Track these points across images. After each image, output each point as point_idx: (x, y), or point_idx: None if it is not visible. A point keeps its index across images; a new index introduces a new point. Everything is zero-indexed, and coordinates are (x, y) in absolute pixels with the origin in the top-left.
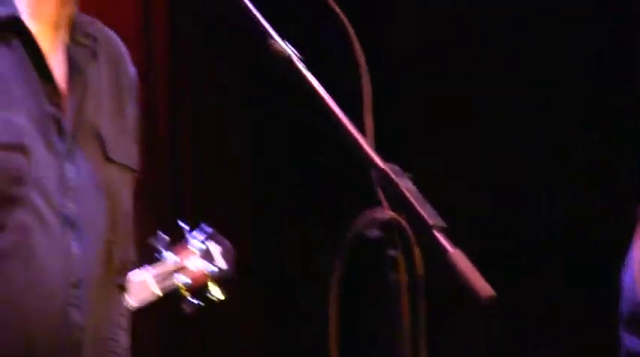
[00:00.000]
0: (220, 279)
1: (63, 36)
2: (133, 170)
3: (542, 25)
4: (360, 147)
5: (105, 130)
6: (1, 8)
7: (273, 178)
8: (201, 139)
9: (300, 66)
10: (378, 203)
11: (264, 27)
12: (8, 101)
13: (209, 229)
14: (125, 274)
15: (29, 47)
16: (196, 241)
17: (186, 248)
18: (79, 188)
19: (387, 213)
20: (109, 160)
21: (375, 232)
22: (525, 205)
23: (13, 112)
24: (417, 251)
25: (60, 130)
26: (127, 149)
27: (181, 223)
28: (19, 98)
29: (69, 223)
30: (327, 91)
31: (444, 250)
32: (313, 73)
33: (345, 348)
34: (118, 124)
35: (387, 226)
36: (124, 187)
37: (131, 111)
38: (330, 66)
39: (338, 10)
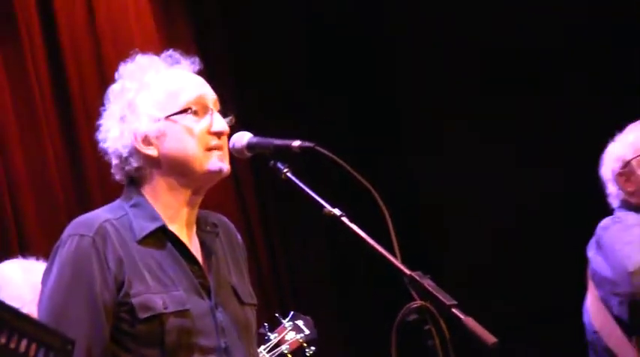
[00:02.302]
0: (309, 341)
1: (193, 229)
2: (255, 305)
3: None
4: (396, 265)
5: (235, 284)
6: (155, 222)
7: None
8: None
9: (345, 220)
10: (412, 298)
11: (318, 200)
12: (172, 284)
13: (292, 314)
14: None
15: (176, 244)
16: (287, 321)
17: (283, 327)
18: (227, 327)
19: (418, 302)
20: (242, 303)
21: (413, 316)
22: None
23: (176, 289)
24: (442, 323)
25: (208, 292)
26: (249, 293)
27: (276, 314)
28: (177, 279)
29: (225, 351)
30: (365, 231)
31: (459, 318)
32: (352, 220)
33: None
34: (240, 277)
35: (419, 311)
36: (253, 318)
37: (244, 267)
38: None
39: (362, 179)
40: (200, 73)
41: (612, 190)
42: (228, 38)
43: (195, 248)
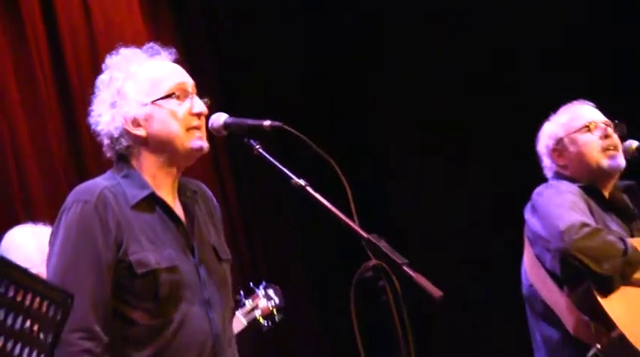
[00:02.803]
0: (278, 309)
1: (176, 194)
2: (230, 260)
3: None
4: (354, 228)
5: (214, 243)
6: (145, 190)
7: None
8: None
9: (310, 190)
10: (368, 257)
11: (286, 172)
12: (162, 244)
13: (264, 283)
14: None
15: (164, 208)
16: (260, 290)
17: (257, 295)
18: (208, 281)
19: (373, 261)
20: (220, 260)
21: (369, 273)
22: None
23: (168, 249)
24: (395, 280)
25: (192, 251)
26: (225, 250)
27: (251, 284)
28: (166, 240)
29: (206, 302)
30: (328, 199)
31: (410, 276)
32: (316, 190)
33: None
34: (217, 237)
35: (375, 269)
36: (229, 272)
37: (220, 227)
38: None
39: (323, 153)
40: (181, 59)
41: (547, 163)
42: (207, 28)
43: (179, 212)
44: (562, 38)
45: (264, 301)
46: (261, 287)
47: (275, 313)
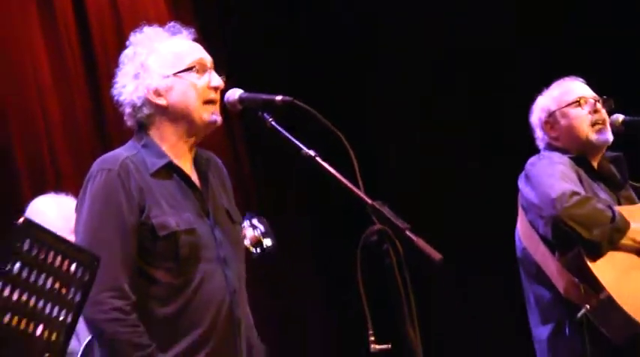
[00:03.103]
0: (265, 235)
1: (192, 163)
2: (241, 222)
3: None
4: (359, 195)
5: (227, 207)
6: (163, 159)
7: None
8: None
9: (319, 159)
10: (373, 222)
11: (296, 143)
12: (182, 208)
13: (248, 214)
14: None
15: (181, 175)
16: (247, 221)
17: (242, 227)
18: (223, 241)
19: (377, 226)
20: (233, 222)
21: (374, 237)
22: None
23: (186, 213)
24: (397, 243)
25: (207, 214)
26: (237, 213)
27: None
28: (184, 204)
29: (222, 261)
30: (336, 168)
31: (411, 240)
32: (325, 160)
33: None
34: (229, 201)
35: (379, 233)
36: (241, 233)
37: (231, 193)
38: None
39: (332, 127)
40: (198, 39)
41: (539, 134)
42: (223, 14)
43: (194, 179)
44: (562, 38)
45: (250, 230)
46: (245, 219)
47: (262, 239)
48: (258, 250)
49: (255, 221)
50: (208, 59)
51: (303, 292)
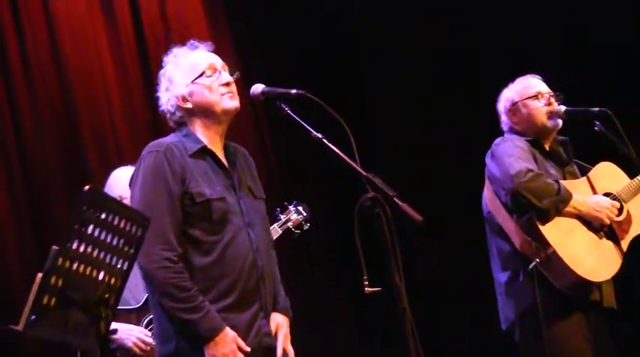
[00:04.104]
0: (306, 220)
1: (222, 149)
2: (264, 199)
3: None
4: (356, 169)
5: (250, 185)
6: (199, 144)
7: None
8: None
9: (325, 141)
10: (367, 190)
11: (307, 128)
12: (214, 182)
13: (295, 202)
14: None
15: (213, 158)
16: (291, 207)
17: (289, 210)
18: (249, 209)
19: (371, 193)
20: (255, 198)
21: (367, 203)
22: None
23: (218, 186)
24: (387, 208)
25: (234, 189)
26: (260, 190)
27: (285, 203)
28: (215, 180)
29: (247, 225)
30: (335, 145)
31: (398, 204)
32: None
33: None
34: (253, 181)
35: (372, 199)
36: (264, 208)
37: (256, 175)
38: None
39: (336, 115)
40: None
41: (504, 119)
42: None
43: (224, 161)
44: (562, 38)
45: (294, 215)
46: (292, 205)
47: (303, 223)
48: (298, 231)
49: (300, 208)
50: (219, 62)
51: (320, 268)
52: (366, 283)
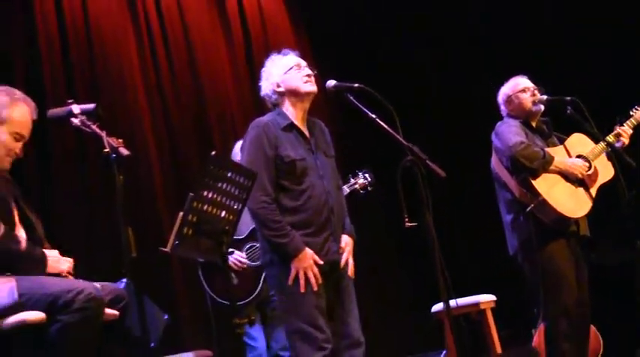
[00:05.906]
0: (370, 184)
1: (305, 123)
2: (334, 156)
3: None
4: (399, 140)
5: (324, 149)
6: (288, 120)
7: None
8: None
9: (378, 120)
10: (406, 155)
11: (364, 110)
12: (298, 148)
13: (364, 170)
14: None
15: (298, 131)
16: (361, 174)
17: (357, 175)
18: (323, 166)
19: (410, 157)
20: (328, 156)
21: (407, 164)
22: None
23: (300, 150)
24: (422, 167)
25: (312, 152)
26: (331, 151)
27: (357, 170)
28: (298, 146)
29: (322, 177)
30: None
31: (427, 165)
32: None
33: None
34: (327, 147)
35: (412, 161)
36: (334, 165)
37: (330, 142)
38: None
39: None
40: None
41: (503, 108)
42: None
43: (306, 133)
44: (562, 38)
45: (362, 179)
46: (361, 172)
47: (368, 186)
48: (363, 192)
49: (366, 174)
50: (302, 62)
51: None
52: (407, 219)
